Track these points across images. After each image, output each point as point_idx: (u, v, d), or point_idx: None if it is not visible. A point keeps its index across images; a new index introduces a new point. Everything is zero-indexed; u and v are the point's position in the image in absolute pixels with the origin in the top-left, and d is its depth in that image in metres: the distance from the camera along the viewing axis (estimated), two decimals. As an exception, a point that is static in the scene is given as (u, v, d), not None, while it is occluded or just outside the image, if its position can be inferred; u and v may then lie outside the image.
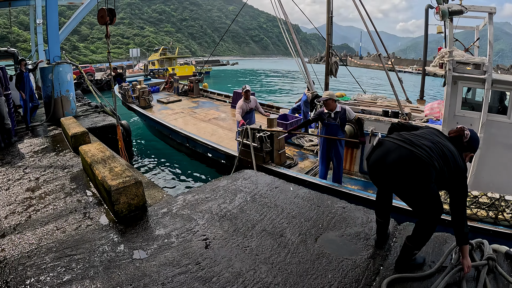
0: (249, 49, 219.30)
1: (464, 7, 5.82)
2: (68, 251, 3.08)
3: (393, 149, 2.66)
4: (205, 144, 9.35)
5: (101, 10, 6.20)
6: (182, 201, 4.12)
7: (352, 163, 7.75)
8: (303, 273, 2.84)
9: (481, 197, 4.67)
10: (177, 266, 2.87)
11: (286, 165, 7.83)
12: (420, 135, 2.79)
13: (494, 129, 6.01)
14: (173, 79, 18.51)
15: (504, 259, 3.02)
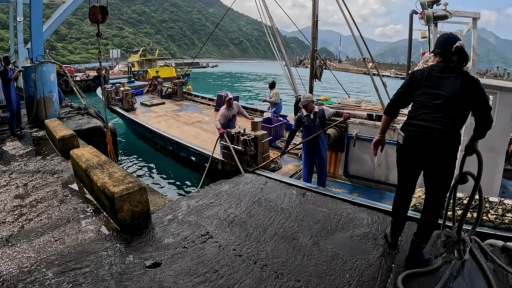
0: (228, 52, 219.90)
1: (448, 12, 5.97)
2: (71, 264, 2.86)
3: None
4: (189, 148, 9.27)
5: (93, 8, 5.98)
6: (186, 207, 3.97)
7: (336, 167, 7.79)
8: (322, 274, 2.87)
9: (465, 199, 4.69)
10: (195, 275, 2.73)
11: (270, 168, 7.80)
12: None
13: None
14: (157, 82, 18.30)
15: (501, 253, 3.34)
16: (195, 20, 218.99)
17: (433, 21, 6.01)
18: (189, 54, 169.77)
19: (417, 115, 2.86)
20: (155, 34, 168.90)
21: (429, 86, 2.88)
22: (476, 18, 6.12)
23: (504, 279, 2.98)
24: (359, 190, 7.18)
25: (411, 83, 3.01)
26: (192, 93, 17.80)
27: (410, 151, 2.88)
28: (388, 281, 2.84)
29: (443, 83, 2.85)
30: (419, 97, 2.91)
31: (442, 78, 2.87)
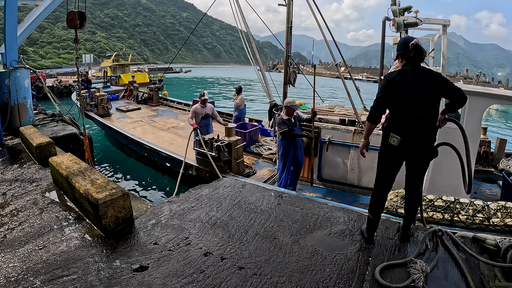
0: (201, 57, 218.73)
1: (419, 19, 6.14)
2: (59, 272, 2.89)
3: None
4: (163, 154, 9.24)
5: (71, 13, 5.90)
6: (168, 212, 4.05)
7: (310, 171, 7.86)
8: (304, 270, 3.03)
9: (437, 201, 4.86)
10: (182, 276, 2.82)
11: (245, 174, 7.83)
12: None
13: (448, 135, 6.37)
14: (133, 87, 18.12)
15: (471, 243, 3.56)
16: (169, 24, 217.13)
17: (403, 28, 6.17)
18: (163, 59, 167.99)
19: (405, 122, 3.17)
20: (128, 39, 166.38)
21: (409, 91, 3.15)
22: (446, 25, 6.31)
23: (475, 267, 3.18)
24: (333, 194, 7.32)
25: (391, 88, 3.20)
26: (168, 99, 17.73)
27: (402, 152, 3.24)
28: (367, 273, 3.04)
29: (419, 87, 3.17)
30: (402, 102, 3.17)
31: (418, 82, 3.18)
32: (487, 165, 9.23)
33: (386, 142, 3.31)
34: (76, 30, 6.18)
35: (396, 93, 3.17)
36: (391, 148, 3.26)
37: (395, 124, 3.22)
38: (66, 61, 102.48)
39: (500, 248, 3.24)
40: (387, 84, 3.23)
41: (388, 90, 3.21)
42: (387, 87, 3.22)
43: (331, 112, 9.17)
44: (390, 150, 3.29)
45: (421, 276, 2.91)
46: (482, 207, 4.58)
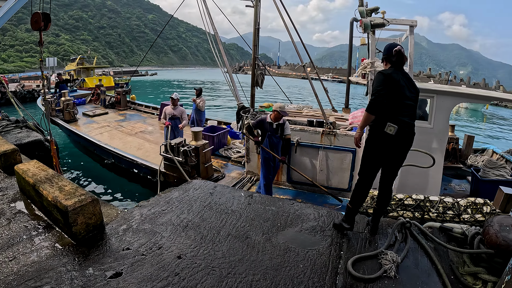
0: (167, 59, 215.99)
1: (386, 20, 6.19)
2: (31, 283, 2.82)
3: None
4: (130, 160, 9.12)
5: (36, 15, 5.74)
6: (139, 216, 4.03)
7: (280, 173, 7.92)
8: (278, 267, 3.11)
9: (406, 200, 4.93)
10: (157, 280, 2.83)
11: (213, 178, 7.86)
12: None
13: (416, 134, 6.53)
14: (100, 91, 17.75)
15: (439, 233, 3.71)
16: (134, 26, 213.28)
17: (370, 29, 6.24)
18: (128, 62, 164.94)
19: (401, 113, 3.45)
20: (92, 41, 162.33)
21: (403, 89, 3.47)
22: (413, 25, 6.47)
23: (444, 255, 3.35)
24: (303, 196, 7.41)
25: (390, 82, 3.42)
26: (136, 102, 17.50)
27: (395, 142, 3.46)
28: (339, 266, 3.16)
29: (409, 86, 3.55)
30: (400, 95, 3.45)
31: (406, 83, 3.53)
32: (456, 161, 9.55)
33: (381, 132, 3.44)
34: (40, 32, 6.02)
35: (395, 87, 3.42)
36: (386, 137, 3.43)
37: (393, 114, 3.42)
38: (29, 65, 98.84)
39: (467, 235, 3.40)
40: (385, 78, 3.44)
41: (387, 83, 3.42)
42: (385, 81, 3.43)
43: (299, 114, 9.26)
44: (385, 139, 3.45)
45: (393, 266, 3.05)
46: (452, 204, 4.67)
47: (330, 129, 7.35)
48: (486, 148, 10.50)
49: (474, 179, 7.60)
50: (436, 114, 6.37)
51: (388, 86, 3.41)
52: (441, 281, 2.97)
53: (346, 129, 7.67)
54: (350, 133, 7.08)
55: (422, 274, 3.06)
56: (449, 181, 8.55)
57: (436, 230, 3.78)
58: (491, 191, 5.75)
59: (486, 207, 4.46)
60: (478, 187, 7.38)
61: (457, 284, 2.97)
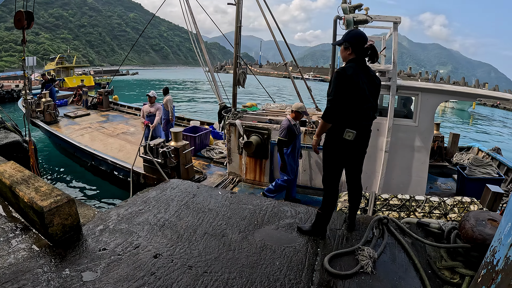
0: (149, 59, 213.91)
1: (369, 17, 6.13)
2: (8, 285, 2.81)
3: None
4: (110, 162, 9.07)
5: (19, 13, 5.69)
6: (116, 216, 4.03)
7: (262, 174, 7.89)
8: (254, 264, 3.15)
9: (392, 199, 4.89)
10: (133, 280, 2.86)
11: (195, 179, 7.82)
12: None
13: (401, 133, 6.46)
14: (82, 92, 17.52)
15: (416, 228, 3.75)
16: (115, 25, 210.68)
17: (353, 25, 6.17)
18: (109, 61, 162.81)
19: (360, 117, 3.34)
20: (73, 40, 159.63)
21: (364, 91, 3.32)
22: (397, 22, 6.37)
23: (422, 250, 3.42)
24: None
25: (348, 85, 3.24)
26: (118, 103, 17.33)
27: (355, 146, 3.41)
28: (316, 263, 3.20)
29: (369, 85, 3.38)
30: (358, 99, 3.31)
31: (368, 79, 3.39)
32: (441, 159, 9.61)
33: (340, 138, 3.33)
34: (23, 31, 5.99)
35: (353, 90, 3.24)
36: (345, 143, 3.34)
37: (351, 120, 3.31)
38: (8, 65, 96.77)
39: (443, 230, 3.45)
40: (345, 81, 3.23)
41: (344, 87, 3.24)
42: (343, 85, 3.24)
43: (282, 113, 9.26)
44: (344, 145, 3.36)
45: (369, 262, 3.10)
46: (438, 203, 4.68)
47: (313, 128, 7.35)
48: (472, 146, 10.62)
49: (460, 178, 7.62)
50: (421, 112, 6.36)
51: (347, 90, 3.25)
52: (418, 276, 3.03)
53: None
54: None
55: (399, 269, 3.12)
56: (434, 180, 8.59)
57: (413, 225, 3.83)
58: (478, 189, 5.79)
59: (473, 206, 4.50)
60: (465, 186, 7.41)
61: (434, 279, 3.02)
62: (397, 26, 6.42)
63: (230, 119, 8.09)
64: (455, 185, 8.22)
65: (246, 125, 7.65)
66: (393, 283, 2.93)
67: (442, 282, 2.99)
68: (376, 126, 6.57)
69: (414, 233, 3.58)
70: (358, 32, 3.45)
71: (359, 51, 3.36)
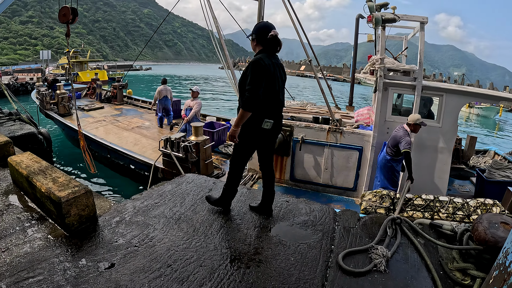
0: (162, 54, 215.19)
1: (397, 16, 6.06)
2: (24, 274, 2.83)
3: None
4: (127, 155, 9.04)
5: (64, 8, 5.94)
6: (132, 209, 4.05)
7: (282, 171, 7.77)
8: (269, 259, 3.15)
9: (416, 200, 4.86)
10: (150, 272, 2.86)
11: (214, 175, 7.72)
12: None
13: (424, 133, 6.42)
14: (96, 85, 17.60)
15: (429, 229, 3.74)
16: (129, 20, 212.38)
17: (381, 24, 6.12)
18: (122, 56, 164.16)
19: (275, 106, 3.56)
20: (87, 35, 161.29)
21: (273, 80, 3.45)
22: (423, 22, 6.32)
23: (434, 251, 3.39)
24: (306, 195, 7.15)
25: (266, 76, 3.35)
26: (132, 97, 17.35)
27: (271, 134, 3.64)
28: (330, 260, 3.19)
29: (277, 76, 3.52)
30: (273, 90, 3.49)
31: (278, 70, 3.55)
32: (458, 162, 9.49)
33: (258, 128, 3.48)
34: (68, 25, 6.18)
35: (269, 79, 3.39)
36: (263, 132, 3.54)
37: (268, 109, 3.50)
38: (22, 58, 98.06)
39: (456, 232, 3.43)
40: (261, 71, 3.31)
41: (262, 76, 3.31)
42: (261, 74, 3.31)
43: (303, 110, 9.15)
44: (262, 133, 3.55)
45: (382, 261, 3.09)
46: (462, 204, 4.62)
47: (337, 126, 7.22)
48: (488, 149, 10.49)
49: (479, 180, 7.53)
50: (445, 113, 6.31)
51: (265, 79, 3.34)
52: (430, 276, 3.01)
53: (352, 126, 7.53)
54: (357, 131, 6.99)
55: (411, 269, 3.10)
56: (452, 182, 8.48)
57: (426, 226, 3.81)
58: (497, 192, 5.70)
59: (496, 208, 4.45)
60: (484, 188, 7.29)
61: (446, 280, 3.00)
62: (424, 26, 6.36)
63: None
64: (472, 188, 8.13)
65: None
66: (405, 282, 2.93)
67: (453, 283, 2.98)
68: None
69: (426, 234, 3.57)
70: (263, 23, 3.63)
71: (264, 42, 3.50)
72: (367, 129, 7.22)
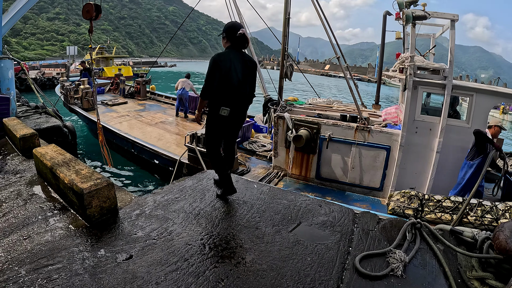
0: (187, 51, 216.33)
1: (427, 13, 5.92)
2: (43, 261, 2.90)
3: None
4: (152, 150, 9.07)
5: (88, 5, 6.10)
6: (152, 202, 4.09)
7: (308, 169, 7.63)
8: (285, 258, 3.13)
9: (445, 201, 4.79)
10: (166, 265, 2.88)
11: (239, 172, 7.69)
12: None
13: (452, 133, 6.29)
14: (119, 80, 17.81)
15: (449, 236, 3.63)
16: (154, 18, 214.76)
17: (412, 21, 6.02)
18: (147, 52, 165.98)
19: (232, 96, 3.89)
20: (113, 31, 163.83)
21: (228, 73, 3.81)
22: (454, 19, 6.18)
23: (453, 258, 3.29)
24: (332, 194, 7.10)
25: (220, 71, 3.78)
26: (156, 93, 17.47)
27: (230, 120, 3.95)
28: (347, 262, 3.15)
29: (241, 69, 3.89)
30: (230, 82, 3.83)
31: (242, 65, 3.90)
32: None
33: (217, 114, 3.89)
34: (91, 22, 6.33)
35: (224, 73, 3.78)
36: (222, 118, 3.91)
37: (225, 99, 3.87)
38: (49, 53, 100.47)
39: (477, 240, 3.34)
40: (214, 64, 3.78)
41: (216, 70, 3.78)
42: (215, 67, 3.78)
43: (330, 108, 9.05)
44: (221, 119, 3.92)
45: (400, 266, 3.02)
46: (490, 207, 4.54)
47: (365, 124, 7.08)
48: (516, 151, 10.21)
49: (507, 183, 7.36)
50: (475, 113, 6.17)
51: (217, 72, 3.78)
52: (447, 284, 2.94)
53: (380, 125, 7.41)
54: (385, 130, 6.84)
55: (429, 275, 3.03)
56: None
57: (446, 232, 3.72)
58: None
59: None
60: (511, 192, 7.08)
61: (463, 288, 2.92)
62: (454, 24, 6.18)
63: (278, 111, 7.87)
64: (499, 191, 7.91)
65: (295, 118, 7.51)
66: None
67: (471, 293, 2.89)
68: (428, 126, 6.41)
69: (446, 240, 3.48)
70: (232, 23, 4.12)
71: (232, 39, 3.93)
72: (395, 128, 7.08)
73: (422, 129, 6.38)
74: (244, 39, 3.94)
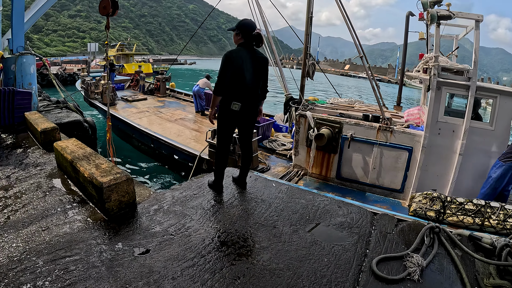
0: (206, 49, 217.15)
1: (452, 13, 5.82)
2: (61, 252, 2.93)
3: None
4: (172, 145, 9.06)
5: (104, 1, 6.08)
6: (171, 198, 4.10)
7: (329, 169, 7.50)
8: (302, 258, 3.10)
9: (467, 204, 4.72)
10: (183, 260, 2.88)
11: (259, 169, 7.61)
12: None
13: (475, 136, 6.15)
14: (139, 77, 17.94)
15: (468, 241, 3.59)
16: (175, 16, 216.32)
17: (436, 20, 5.93)
18: (167, 50, 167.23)
19: (243, 92, 3.95)
20: (133, 29, 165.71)
21: (243, 69, 3.89)
22: (479, 20, 6.05)
23: (471, 264, 3.23)
24: (352, 194, 6.96)
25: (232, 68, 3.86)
26: (175, 90, 17.50)
27: (240, 115, 4.02)
28: (364, 264, 3.11)
29: (253, 65, 3.96)
30: (241, 78, 3.90)
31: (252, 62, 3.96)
32: None
33: (228, 109, 3.97)
34: (108, 18, 6.35)
35: (236, 69, 3.86)
36: (233, 113, 3.98)
37: (236, 94, 3.94)
38: (70, 50, 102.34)
39: (495, 246, 3.28)
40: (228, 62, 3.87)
41: (228, 66, 3.86)
42: (227, 65, 3.86)
43: (351, 108, 8.93)
44: (232, 114, 4.00)
45: (417, 270, 2.98)
46: None
47: (387, 124, 6.95)
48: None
49: None
50: (498, 116, 5.99)
51: (230, 68, 3.86)
52: (464, 290, 2.86)
53: (403, 126, 7.20)
54: (408, 131, 6.70)
55: (445, 281, 2.98)
56: None
57: (465, 238, 3.65)
58: None
59: None
60: None
61: (479, 295, 2.85)
62: (479, 24, 6.01)
63: (300, 110, 7.75)
64: None
65: (317, 117, 7.44)
66: (438, 295, 2.79)
67: (487, 300, 2.81)
68: (452, 128, 6.26)
69: (464, 246, 3.41)
70: (247, 21, 4.16)
71: (247, 37, 4.01)
72: (418, 129, 6.93)
73: (445, 131, 6.23)
74: (259, 39, 4.05)
